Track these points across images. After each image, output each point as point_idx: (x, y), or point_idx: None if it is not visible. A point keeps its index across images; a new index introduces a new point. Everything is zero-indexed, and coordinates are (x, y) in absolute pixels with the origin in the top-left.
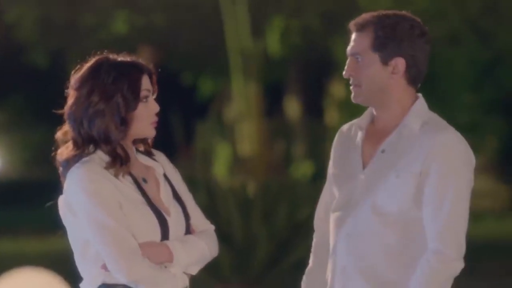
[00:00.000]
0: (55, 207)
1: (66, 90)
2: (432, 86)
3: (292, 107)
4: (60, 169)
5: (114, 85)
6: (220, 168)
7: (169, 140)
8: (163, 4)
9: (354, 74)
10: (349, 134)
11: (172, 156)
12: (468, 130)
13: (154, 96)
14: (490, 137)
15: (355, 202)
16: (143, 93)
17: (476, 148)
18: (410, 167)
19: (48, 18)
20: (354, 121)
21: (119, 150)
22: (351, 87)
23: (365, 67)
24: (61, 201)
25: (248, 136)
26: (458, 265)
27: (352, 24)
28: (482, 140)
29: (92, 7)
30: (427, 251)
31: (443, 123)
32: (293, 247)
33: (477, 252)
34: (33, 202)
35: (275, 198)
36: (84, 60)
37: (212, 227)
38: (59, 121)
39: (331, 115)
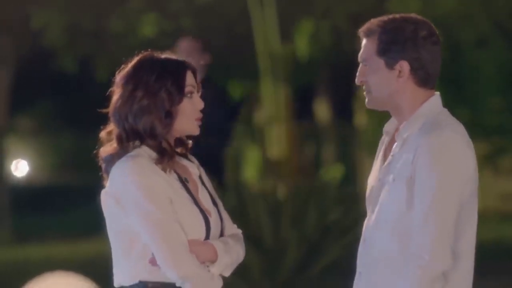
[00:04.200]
0: (82, 212)
1: (110, 90)
2: (460, 89)
3: (322, 110)
4: (103, 165)
5: (158, 81)
6: (250, 172)
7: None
8: (191, 8)
9: (364, 80)
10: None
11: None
12: (496, 132)
13: (199, 94)
14: None
15: (369, 209)
16: (188, 88)
17: (504, 150)
18: (403, 170)
19: (76, 23)
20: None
21: (165, 145)
22: (364, 93)
23: (372, 72)
24: (105, 194)
25: (277, 139)
26: (433, 268)
27: (360, 31)
28: (510, 143)
29: (120, 12)
30: None
31: (443, 123)
32: (323, 251)
33: (506, 253)
34: (62, 207)
35: (305, 201)
36: (113, 65)
37: (240, 231)
38: (87, 126)
39: (360, 118)
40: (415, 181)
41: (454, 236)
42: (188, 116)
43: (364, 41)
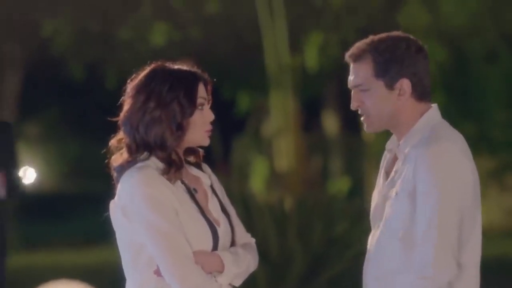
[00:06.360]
0: (88, 220)
1: (121, 99)
2: (467, 103)
3: (330, 122)
4: (114, 174)
5: (170, 93)
6: (257, 183)
7: (206, 155)
8: (201, 18)
9: (361, 105)
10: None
11: None
12: (503, 148)
13: (209, 105)
14: None
15: (374, 225)
16: (199, 100)
17: (510, 166)
18: (405, 184)
19: (84, 31)
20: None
21: (174, 156)
22: (361, 119)
23: (371, 96)
24: (113, 205)
25: (285, 151)
26: (438, 280)
27: (348, 56)
28: None
29: (130, 20)
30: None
31: (441, 134)
32: (329, 263)
33: (511, 269)
34: (69, 215)
35: (311, 213)
36: (122, 72)
37: (253, 240)
38: (95, 134)
39: None
40: (416, 194)
41: (458, 246)
42: (199, 128)
43: (353, 66)
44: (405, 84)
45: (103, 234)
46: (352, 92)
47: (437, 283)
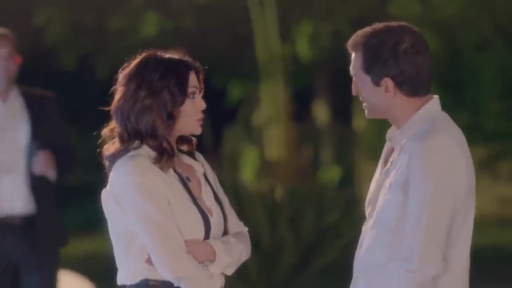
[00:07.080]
0: (81, 209)
1: (112, 88)
2: (460, 93)
3: (321, 112)
4: (106, 163)
5: (161, 81)
6: (248, 172)
7: (197, 144)
8: (192, 8)
9: (359, 93)
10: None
11: None
12: (495, 137)
13: (201, 94)
14: None
15: (368, 214)
16: (190, 89)
17: (503, 155)
18: (399, 175)
19: (77, 21)
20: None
21: (165, 145)
22: (363, 105)
23: (362, 87)
24: (105, 193)
25: (276, 140)
26: (423, 273)
27: (348, 45)
28: (509, 148)
29: (122, 11)
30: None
31: (438, 127)
32: (320, 252)
33: (504, 258)
34: (60, 205)
35: (302, 202)
36: (114, 63)
37: (246, 228)
38: (87, 124)
39: (359, 120)
40: (409, 186)
41: (447, 242)
42: (190, 117)
43: (352, 55)
44: (388, 82)
45: (96, 223)
46: (353, 79)
47: (421, 277)
